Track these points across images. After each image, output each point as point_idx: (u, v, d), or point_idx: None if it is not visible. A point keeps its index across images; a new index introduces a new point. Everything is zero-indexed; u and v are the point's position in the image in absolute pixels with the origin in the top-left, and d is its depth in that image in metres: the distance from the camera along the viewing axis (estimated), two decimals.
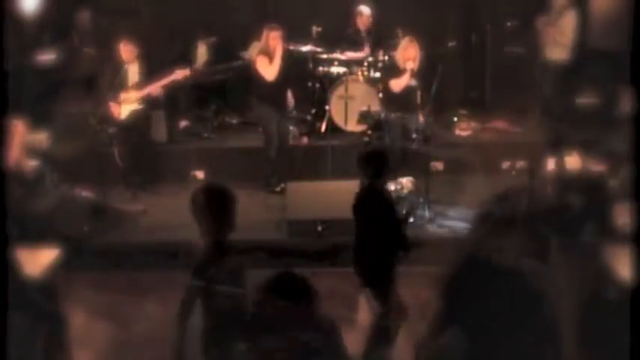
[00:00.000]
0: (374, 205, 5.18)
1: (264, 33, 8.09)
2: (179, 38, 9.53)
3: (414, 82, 7.97)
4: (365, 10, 9.36)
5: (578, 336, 4.13)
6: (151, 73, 8.10)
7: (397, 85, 8.02)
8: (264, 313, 3.15)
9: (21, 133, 6.46)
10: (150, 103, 8.12)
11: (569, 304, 4.12)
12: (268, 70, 7.98)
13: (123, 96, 8.00)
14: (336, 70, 9.16)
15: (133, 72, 8.11)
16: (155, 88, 8.02)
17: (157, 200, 8.10)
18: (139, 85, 8.04)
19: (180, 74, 8.04)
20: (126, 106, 8.03)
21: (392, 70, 8.19)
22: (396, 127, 7.98)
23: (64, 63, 9.13)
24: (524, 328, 3.52)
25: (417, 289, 6.01)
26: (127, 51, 8.00)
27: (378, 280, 5.21)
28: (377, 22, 9.36)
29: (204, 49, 9.56)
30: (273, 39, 8.00)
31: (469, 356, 3.59)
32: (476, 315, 3.55)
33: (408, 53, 7.95)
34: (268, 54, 8.01)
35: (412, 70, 7.89)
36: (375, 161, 5.22)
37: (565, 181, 4.88)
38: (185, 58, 9.37)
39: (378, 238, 5.14)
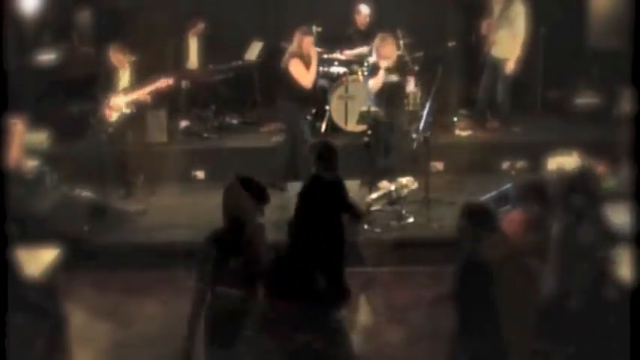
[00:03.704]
0: (320, 196, 5.29)
1: (297, 36, 8.05)
2: (172, 36, 9.49)
3: (394, 79, 7.93)
4: (363, 9, 9.36)
5: (578, 335, 4.13)
6: (144, 77, 8.08)
7: (374, 84, 7.88)
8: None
9: (21, 133, 6.47)
10: (138, 107, 8.11)
11: (569, 304, 4.12)
12: (306, 77, 7.99)
13: (113, 101, 7.99)
14: (336, 70, 9.16)
15: (125, 77, 8.09)
16: (141, 95, 8.01)
17: (157, 200, 8.09)
18: (128, 90, 8.03)
19: (163, 82, 8.02)
20: (116, 111, 8.02)
21: (372, 70, 8.02)
22: (390, 126, 7.95)
23: (64, 63, 9.13)
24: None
25: (417, 289, 6.02)
26: (117, 58, 7.98)
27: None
28: (376, 21, 9.36)
29: (195, 42, 9.52)
30: (308, 44, 8.00)
31: None
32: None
33: (384, 51, 7.83)
34: (303, 59, 8.00)
35: (387, 68, 7.83)
36: (323, 153, 5.39)
37: (565, 181, 4.87)
38: (178, 56, 9.36)
39: (319, 230, 5.22)
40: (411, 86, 8.21)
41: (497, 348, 3.76)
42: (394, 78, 7.93)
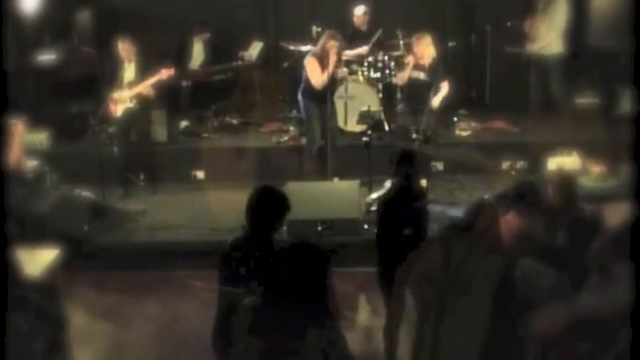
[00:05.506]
0: (404, 205, 5.10)
1: (324, 38, 7.99)
2: (175, 35, 9.49)
3: (421, 77, 7.97)
4: (361, 9, 9.37)
5: (578, 336, 4.13)
6: (148, 71, 8.07)
7: (400, 78, 8.24)
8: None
9: (21, 133, 6.47)
10: (142, 101, 8.10)
11: (568, 304, 4.11)
12: (318, 77, 7.91)
13: (117, 94, 8.00)
14: None
15: (130, 70, 8.10)
16: (144, 87, 8.01)
17: (157, 200, 8.10)
18: (133, 84, 8.04)
19: (165, 73, 8.01)
20: (120, 105, 8.03)
21: (399, 65, 8.57)
22: (398, 126, 7.99)
23: (64, 63, 9.13)
24: None
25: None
26: (125, 49, 7.99)
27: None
28: (376, 21, 9.37)
29: (200, 46, 9.52)
30: (332, 47, 7.93)
31: None
32: None
33: (418, 49, 8.04)
34: (322, 61, 7.95)
35: (416, 64, 8.01)
36: (405, 162, 5.16)
37: (565, 180, 4.87)
38: (180, 55, 9.35)
39: (405, 239, 5.01)
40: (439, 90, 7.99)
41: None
42: (422, 76, 7.97)
